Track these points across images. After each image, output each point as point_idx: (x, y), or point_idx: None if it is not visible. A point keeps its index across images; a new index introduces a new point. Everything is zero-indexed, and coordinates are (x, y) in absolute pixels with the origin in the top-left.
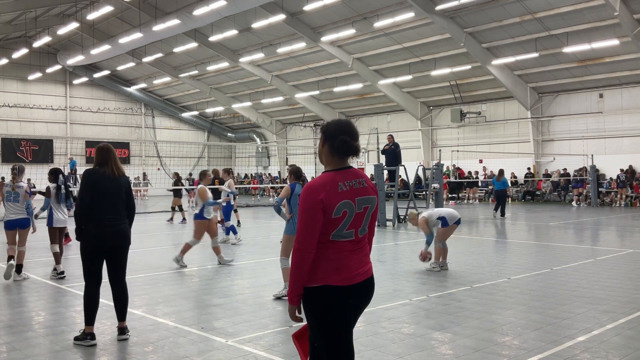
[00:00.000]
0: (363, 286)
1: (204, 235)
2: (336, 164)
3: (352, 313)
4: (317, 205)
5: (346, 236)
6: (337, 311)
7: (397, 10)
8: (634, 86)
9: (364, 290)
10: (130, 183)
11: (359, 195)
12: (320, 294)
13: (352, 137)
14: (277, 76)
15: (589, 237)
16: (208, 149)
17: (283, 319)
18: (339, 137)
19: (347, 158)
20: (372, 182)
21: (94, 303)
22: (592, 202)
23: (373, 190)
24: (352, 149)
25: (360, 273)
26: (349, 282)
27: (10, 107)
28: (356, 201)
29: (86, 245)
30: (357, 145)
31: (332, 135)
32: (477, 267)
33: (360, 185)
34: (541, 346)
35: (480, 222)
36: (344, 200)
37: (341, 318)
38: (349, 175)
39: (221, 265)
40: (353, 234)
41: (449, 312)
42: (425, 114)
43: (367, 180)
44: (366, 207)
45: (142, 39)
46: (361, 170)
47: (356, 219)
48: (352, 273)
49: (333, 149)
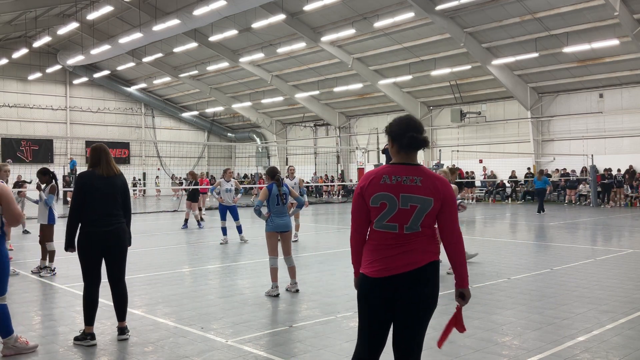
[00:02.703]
0: (398, 280)
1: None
2: (401, 158)
3: (384, 306)
4: (358, 192)
5: (388, 228)
6: (366, 300)
7: (397, 10)
8: (634, 86)
9: (400, 284)
10: (127, 183)
11: (405, 192)
12: (360, 280)
13: (419, 132)
14: (277, 76)
15: (589, 237)
16: (208, 149)
17: (283, 319)
18: (407, 135)
19: (414, 152)
20: (439, 183)
21: (93, 303)
22: (592, 202)
23: (430, 192)
24: (420, 142)
25: (396, 267)
26: (380, 275)
27: (10, 107)
28: (400, 197)
29: (82, 246)
30: (424, 138)
31: (399, 134)
32: (477, 267)
33: (412, 182)
34: (541, 346)
35: (480, 222)
36: (382, 192)
37: (369, 308)
38: (404, 170)
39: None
40: (397, 228)
41: (449, 312)
42: (425, 114)
43: (426, 179)
44: (414, 205)
45: (142, 39)
46: (422, 168)
47: (400, 214)
48: (385, 266)
49: (402, 146)
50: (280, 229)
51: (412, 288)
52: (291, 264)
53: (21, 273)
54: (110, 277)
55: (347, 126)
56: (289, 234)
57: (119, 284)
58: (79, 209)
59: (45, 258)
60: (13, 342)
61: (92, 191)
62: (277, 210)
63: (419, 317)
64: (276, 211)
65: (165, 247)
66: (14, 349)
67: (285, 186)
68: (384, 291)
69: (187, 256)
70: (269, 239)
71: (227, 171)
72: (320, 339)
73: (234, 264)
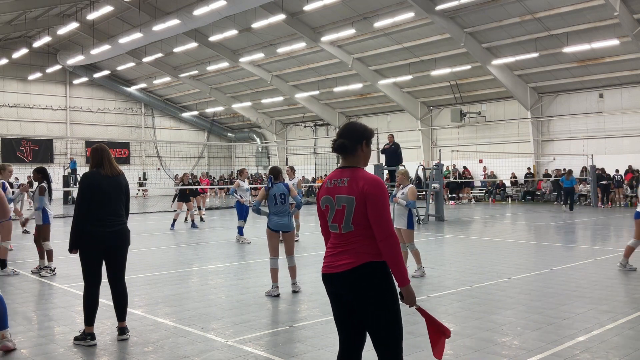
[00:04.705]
0: (335, 278)
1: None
2: (340, 163)
3: (334, 302)
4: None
5: (333, 229)
6: (329, 296)
7: (397, 10)
8: (634, 86)
9: (338, 283)
10: (128, 182)
11: (338, 193)
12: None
13: (342, 136)
14: (277, 76)
15: (589, 237)
16: (208, 149)
17: (283, 319)
18: (336, 141)
19: (345, 156)
20: (362, 182)
21: (93, 303)
22: (592, 202)
23: (352, 190)
24: (335, 147)
25: (335, 266)
26: (325, 271)
27: (10, 107)
28: (335, 198)
29: (85, 246)
30: (338, 142)
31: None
32: (477, 267)
33: (342, 183)
34: (541, 346)
35: (480, 222)
36: (325, 195)
37: (331, 303)
38: (339, 174)
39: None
40: (337, 228)
41: (449, 312)
42: (425, 114)
43: (352, 180)
44: (343, 205)
45: (142, 39)
46: (355, 170)
47: (337, 214)
48: (328, 263)
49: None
50: (281, 229)
51: (351, 289)
52: (292, 264)
53: (21, 273)
54: (110, 278)
55: None
56: (291, 234)
57: (119, 285)
58: (85, 210)
59: (43, 257)
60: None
61: (99, 191)
62: (276, 210)
63: (371, 319)
64: (275, 211)
65: (165, 247)
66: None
67: (284, 186)
68: (330, 286)
69: (187, 256)
70: (269, 239)
71: (243, 171)
72: (320, 339)
73: (234, 264)
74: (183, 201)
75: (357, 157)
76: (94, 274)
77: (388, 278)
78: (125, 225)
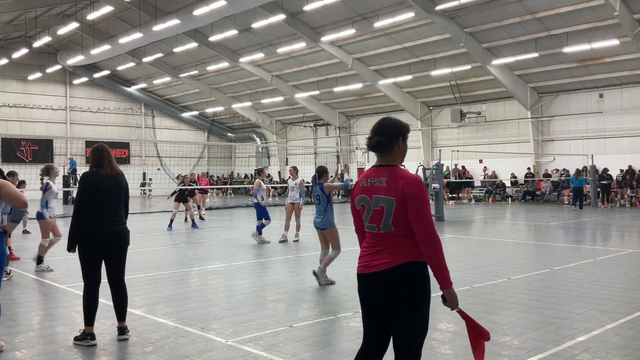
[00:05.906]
0: (369, 278)
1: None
2: (376, 161)
3: (366, 303)
4: (351, 196)
5: (370, 229)
6: (359, 295)
7: (397, 10)
8: (634, 86)
9: (371, 283)
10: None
11: (375, 193)
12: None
13: (377, 134)
14: (277, 76)
15: (589, 237)
16: (208, 149)
17: (283, 319)
18: (372, 139)
19: (381, 154)
20: (402, 182)
21: (93, 303)
22: (592, 202)
23: (392, 191)
24: (371, 147)
25: (372, 265)
26: (361, 271)
27: (10, 107)
28: (373, 198)
29: (85, 246)
30: (373, 140)
31: (369, 138)
32: (477, 267)
33: (380, 183)
34: (541, 346)
35: (480, 222)
36: (361, 195)
37: (361, 303)
38: (375, 172)
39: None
40: (375, 228)
41: (449, 312)
42: (425, 114)
43: (390, 179)
44: (382, 206)
45: (142, 39)
46: (393, 169)
47: (375, 215)
48: (365, 263)
49: (369, 149)
50: (316, 226)
51: (387, 289)
52: (329, 255)
53: (21, 273)
54: (110, 278)
55: (347, 126)
56: (328, 231)
57: (119, 285)
58: (85, 209)
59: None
60: None
61: (99, 191)
62: (316, 209)
63: (401, 319)
64: (316, 209)
65: (165, 247)
66: None
67: (320, 187)
68: (364, 286)
69: (187, 256)
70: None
71: (262, 171)
72: (320, 339)
73: (234, 264)
74: (180, 201)
75: (393, 154)
76: (94, 274)
77: (426, 280)
78: (125, 225)
